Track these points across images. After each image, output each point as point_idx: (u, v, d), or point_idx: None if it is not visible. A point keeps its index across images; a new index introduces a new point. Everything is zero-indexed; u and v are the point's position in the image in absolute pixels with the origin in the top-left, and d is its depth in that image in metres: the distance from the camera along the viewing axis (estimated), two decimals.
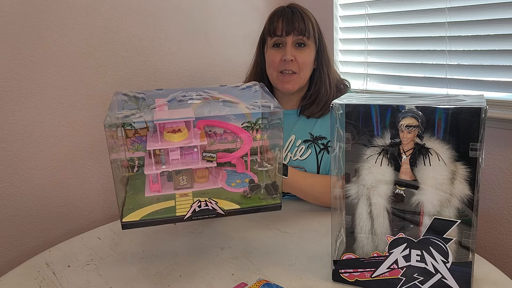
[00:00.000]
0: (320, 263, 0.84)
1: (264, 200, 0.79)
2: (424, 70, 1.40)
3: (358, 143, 0.71)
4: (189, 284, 0.80)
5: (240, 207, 0.76)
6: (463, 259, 0.68)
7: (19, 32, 1.08)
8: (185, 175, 0.79)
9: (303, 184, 1.06)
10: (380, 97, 0.74)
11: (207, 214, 0.75)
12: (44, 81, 1.14)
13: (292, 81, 1.14)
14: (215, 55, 1.54)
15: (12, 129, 1.10)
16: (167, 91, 0.83)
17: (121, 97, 0.82)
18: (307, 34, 1.12)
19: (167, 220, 0.74)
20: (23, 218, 1.15)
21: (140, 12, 1.31)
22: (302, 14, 1.13)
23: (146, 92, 0.84)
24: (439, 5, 1.31)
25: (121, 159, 0.82)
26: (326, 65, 1.18)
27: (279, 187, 0.80)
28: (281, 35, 1.12)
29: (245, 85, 0.88)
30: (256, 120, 0.84)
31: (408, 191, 0.69)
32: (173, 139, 0.77)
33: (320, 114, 1.17)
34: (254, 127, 0.84)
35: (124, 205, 0.76)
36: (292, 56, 1.11)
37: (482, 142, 0.63)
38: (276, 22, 1.13)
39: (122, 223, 0.73)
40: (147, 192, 0.80)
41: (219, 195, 0.79)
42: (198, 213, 0.74)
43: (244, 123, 0.84)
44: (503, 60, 1.20)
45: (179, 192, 0.79)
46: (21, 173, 1.13)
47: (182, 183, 0.79)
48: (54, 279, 0.83)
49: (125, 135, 0.82)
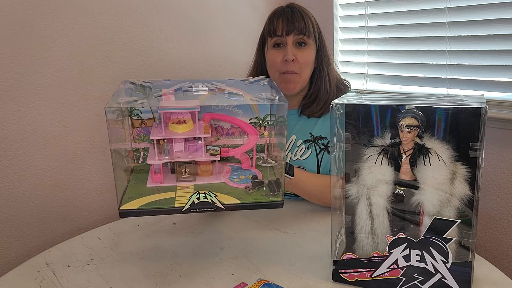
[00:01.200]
0: (320, 263, 0.84)
1: (266, 197, 0.77)
2: (424, 70, 1.40)
3: (358, 143, 0.71)
4: (189, 284, 0.80)
5: (240, 202, 0.74)
6: (463, 259, 0.68)
7: (19, 32, 1.08)
8: (188, 168, 0.78)
9: (308, 184, 1.06)
10: (380, 97, 0.74)
11: (206, 207, 0.73)
12: (44, 81, 1.14)
13: (294, 81, 1.14)
14: (215, 55, 1.54)
15: (12, 129, 1.10)
16: (174, 81, 0.83)
17: (128, 85, 0.81)
18: (307, 33, 1.12)
19: (165, 210, 0.73)
20: (23, 218, 1.15)
21: (140, 12, 1.31)
22: (302, 13, 1.13)
23: (154, 82, 0.83)
24: (439, 5, 1.31)
25: (126, 149, 0.82)
26: (326, 64, 1.18)
27: (282, 185, 0.78)
28: (281, 35, 1.12)
29: (253, 79, 0.87)
30: (264, 116, 0.83)
31: (408, 191, 0.69)
32: (178, 129, 0.76)
33: (321, 113, 1.17)
34: (262, 124, 0.82)
35: (125, 193, 0.76)
36: (293, 56, 1.11)
37: (482, 142, 0.63)
38: (276, 22, 1.13)
39: (120, 210, 0.72)
40: (149, 183, 0.80)
41: (220, 189, 0.77)
42: (197, 205, 0.73)
43: (252, 118, 0.83)
44: (503, 60, 1.20)
45: (181, 184, 0.79)
46: (21, 173, 1.13)
47: (184, 175, 0.78)
48: (54, 279, 0.83)
49: (132, 125, 0.81)
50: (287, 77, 1.13)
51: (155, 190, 0.78)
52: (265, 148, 0.85)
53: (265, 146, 0.85)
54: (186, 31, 1.44)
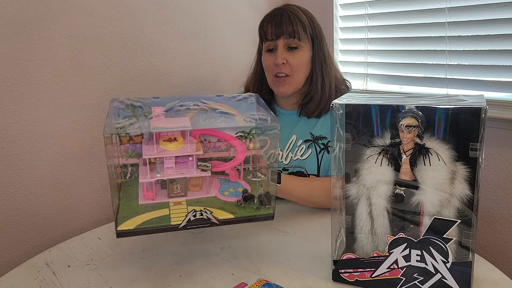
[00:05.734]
0: (320, 263, 0.84)
1: (257, 210, 0.80)
2: (424, 70, 1.40)
3: (358, 143, 0.71)
4: (189, 284, 0.80)
5: (234, 217, 0.78)
6: (463, 259, 0.68)
7: (19, 32, 1.08)
8: (179, 184, 0.79)
9: (297, 189, 1.06)
10: (380, 97, 0.74)
11: (201, 223, 0.76)
12: (44, 81, 1.14)
13: (287, 84, 1.14)
14: (215, 55, 1.54)
15: (12, 129, 1.10)
16: (164, 99, 0.84)
17: (118, 104, 0.82)
18: (297, 36, 1.10)
19: (162, 229, 0.75)
20: (23, 218, 1.15)
21: (140, 12, 1.31)
22: (290, 16, 1.11)
23: (143, 100, 0.84)
24: (439, 5, 1.32)
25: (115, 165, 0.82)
26: (322, 63, 1.16)
27: (273, 198, 0.81)
28: (271, 39, 1.12)
29: (241, 96, 0.90)
30: (250, 130, 0.85)
31: (408, 191, 0.69)
32: (169, 147, 0.77)
33: (318, 113, 1.16)
34: (248, 137, 0.85)
35: (118, 212, 0.76)
36: (283, 59, 1.10)
37: (482, 142, 0.63)
38: (266, 26, 1.14)
39: (117, 231, 0.73)
40: (140, 200, 0.80)
41: (212, 203, 0.79)
42: (192, 222, 0.76)
43: (238, 132, 0.85)
44: (503, 60, 1.20)
45: (173, 200, 0.79)
46: (21, 173, 1.13)
47: (176, 191, 0.79)
48: (54, 279, 0.83)
49: (119, 142, 0.82)
50: (280, 80, 1.13)
51: (148, 207, 0.78)
52: (250, 160, 0.87)
53: (250, 158, 0.87)
54: (186, 31, 1.44)
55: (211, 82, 1.54)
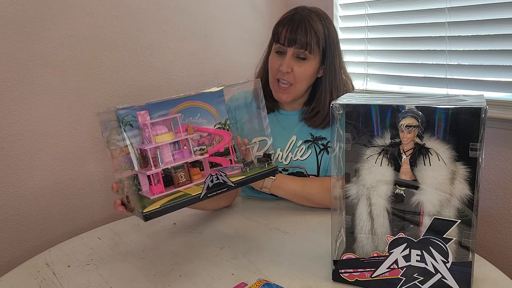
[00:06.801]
0: (320, 263, 0.84)
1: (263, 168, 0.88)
2: (424, 70, 1.40)
3: (358, 143, 0.71)
4: (189, 284, 0.80)
5: (246, 176, 0.84)
6: (463, 259, 0.68)
7: (19, 32, 1.08)
8: (182, 172, 0.82)
9: (291, 184, 1.07)
10: (380, 97, 0.74)
11: (219, 188, 0.81)
12: (44, 81, 1.14)
13: (287, 92, 1.12)
14: (215, 55, 1.54)
15: (12, 129, 1.10)
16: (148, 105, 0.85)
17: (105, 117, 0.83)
18: (308, 48, 1.07)
19: (186, 201, 0.77)
20: (23, 218, 1.15)
21: (140, 12, 1.31)
22: (307, 26, 1.07)
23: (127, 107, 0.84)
24: (439, 5, 1.31)
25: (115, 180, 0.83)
26: (333, 78, 1.13)
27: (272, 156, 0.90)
28: (283, 44, 1.10)
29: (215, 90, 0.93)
30: (225, 120, 0.90)
31: (408, 191, 0.69)
32: (164, 138, 0.80)
33: (323, 126, 1.15)
34: (225, 127, 0.90)
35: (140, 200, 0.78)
36: (288, 68, 1.08)
37: (482, 142, 0.63)
38: (281, 29, 1.10)
39: (144, 214, 0.73)
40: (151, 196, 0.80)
41: None
42: (211, 188, 0.80)
43: (216, 124, 0.89)
44: (503, 60, 1.20)
45: (181, 188, 0.81)
46: (21, 173, 1.13)
47: (181, 180, 0.82)
48: (54, 279, 0.83)
49: (112, 156, 0.82)
50: (281, 88, 1.12)
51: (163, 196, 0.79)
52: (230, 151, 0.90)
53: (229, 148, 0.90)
54: (186, 31, 1.44)
55: (211, 82, 1.54)
